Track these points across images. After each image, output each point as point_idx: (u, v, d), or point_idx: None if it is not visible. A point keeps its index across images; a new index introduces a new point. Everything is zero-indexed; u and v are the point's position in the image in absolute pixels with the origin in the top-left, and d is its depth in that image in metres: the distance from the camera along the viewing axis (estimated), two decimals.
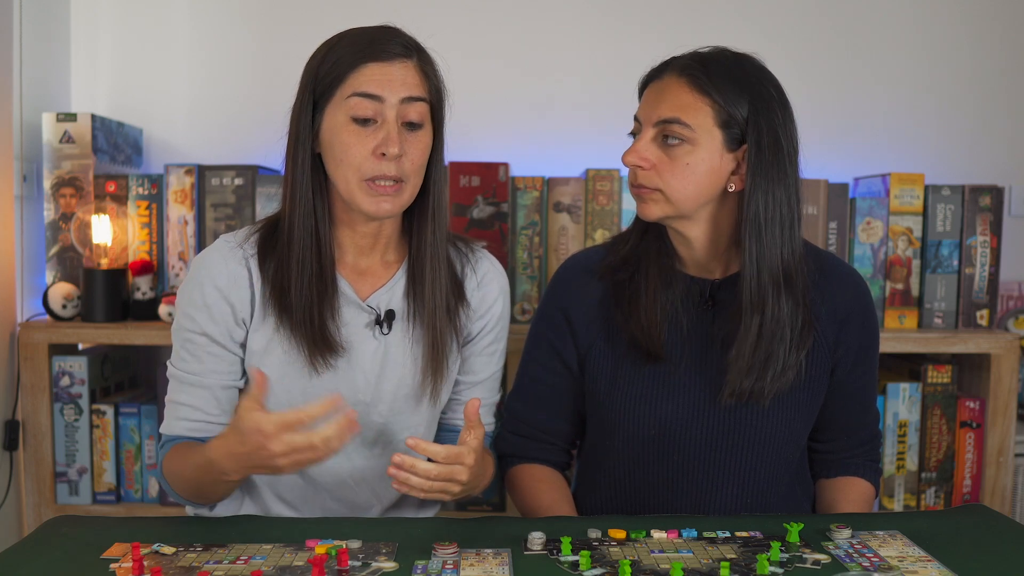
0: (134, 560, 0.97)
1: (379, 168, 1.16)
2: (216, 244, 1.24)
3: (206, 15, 2.15)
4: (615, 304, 1.30)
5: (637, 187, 1.24)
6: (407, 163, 1.17)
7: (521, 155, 2.11)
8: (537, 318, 1.39)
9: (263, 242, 1.24)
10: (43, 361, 1.86)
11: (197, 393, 1.22)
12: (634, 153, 1.22)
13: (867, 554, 1.03)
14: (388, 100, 1.16)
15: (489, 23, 2.15)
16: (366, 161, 1.16)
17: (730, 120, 1.20)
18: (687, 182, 1.21)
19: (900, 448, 1.92)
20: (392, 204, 1.18)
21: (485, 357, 1.34)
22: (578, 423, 1.39)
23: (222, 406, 1.23)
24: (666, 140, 1.21)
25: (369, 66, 1.16)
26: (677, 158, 1.21)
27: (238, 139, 2.14)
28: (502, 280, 1.35)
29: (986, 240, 1.90)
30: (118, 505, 1.93)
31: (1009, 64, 2.16)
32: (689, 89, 1.21)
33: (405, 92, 1.17)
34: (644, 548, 1.05)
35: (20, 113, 1.90)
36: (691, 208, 1.23)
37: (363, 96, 1.15)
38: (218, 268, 1.21)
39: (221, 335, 1.22)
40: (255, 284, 1.22)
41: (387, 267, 1.28)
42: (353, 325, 1.24)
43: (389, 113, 1.16)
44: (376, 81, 1.16)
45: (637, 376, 1.29)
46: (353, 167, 1.16)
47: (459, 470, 1.11)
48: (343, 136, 1.16)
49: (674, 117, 1.20)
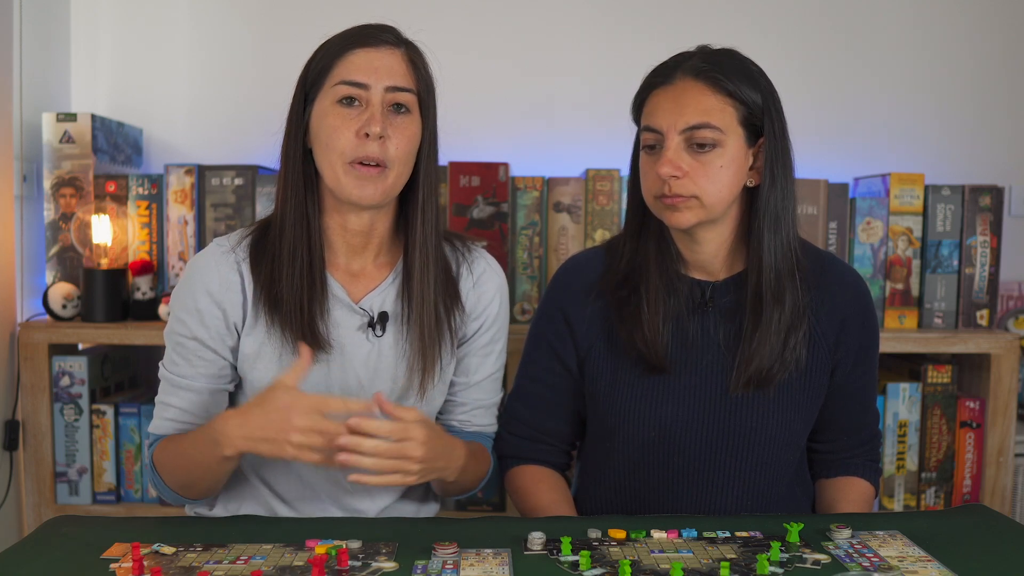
0: (134, 560, 0.97)
1: (363, 148, 1.16)
2: (209, 249, 1.24)
3: (206, 15, 2.15)
4: (618, 320, 1.30)
5: (671, 197, 1.21)
6: (391, 147, 1.17)
7: (521, 155, 2.11)
8: (537, 319, 1.39)
9: (255, 245, 1.24)
10: (43, 361, 1.86)
11: (185, 396, 1.23)
12: (668, 164, 1.20)
13: (867, 554, 1.03)
14: (374, 87, 1.16)
15: (489, 23, 2.15)
16: (350, 143, 1.16)
17: (750, 116, 1.22)
18: (721, 185, 1.21)
19: (900, 448, 1.92)
20: (375, 189, 1.17)
21: (481, 357, 1.33)
22: (578, 424, 1.39)
23: (210, 409, 1.24)
24: (694, 146, 1.20)
25: (356, 52, 1.17)
26: (710, 162, 1.20)
27: (238, 139, 2.14)
28: (499, 279, 1.34)
29: (986, 240, 1.90)
30: (118, 505, 1.93)
31: (1009, 64, 2.16)
32: (712, 91, 1.21)
33: (390, 80, 1.17)
34: (644, 548, 1.05)
35: (20, 113, 1.90)
36: (722, 210, 1.24)
37: (349, 84, 1.16)
38: (210, 273, 1.22)
39: (211, 340, 1.22)
40: (247, 289, 1.22)
41: (380, 269, 1.28)
42: (346, 327, 1.24)
43: (374, 98, 1.16)
44: (362, 69, 1.16)
45: (637, 379, 1.29)
46: (338, 150, 1.17)
47: (410, 446, 1.10)
48: (329, 119, 1.17)
49: (703, 122, 1.20)
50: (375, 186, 1.17)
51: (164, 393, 1.25)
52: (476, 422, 1.35)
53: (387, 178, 1.18)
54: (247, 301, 1.22)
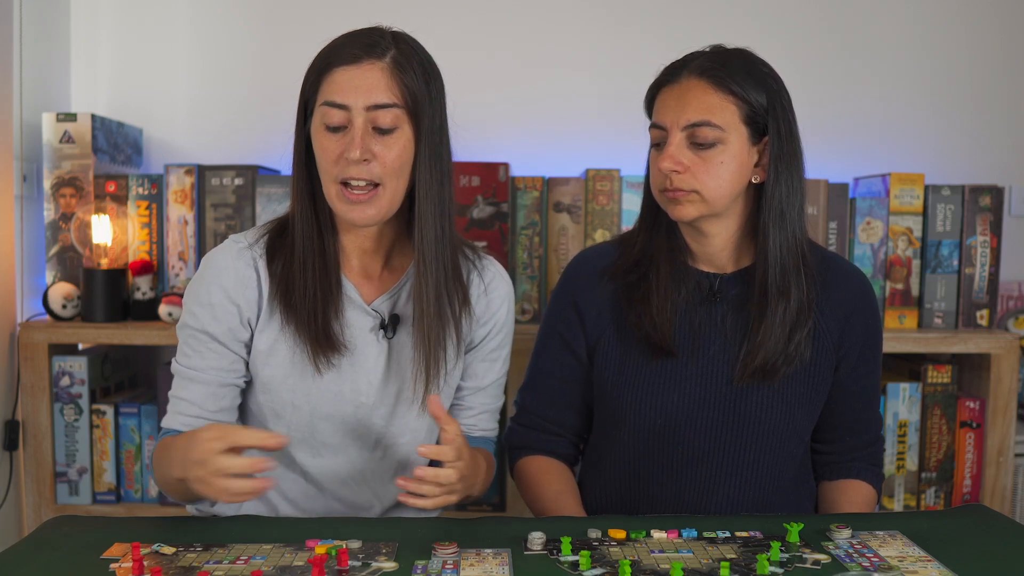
0: (134, 560, 0.97)
1: (347, 171, 1.15)
2: (226, 244, 1.25)
3: (206, 15, 2.15)
4: (627, 305, 1.32)
5: (672, 191, 1.25)
6: (378, 167, 1.15)
7: (521, 155, 2.11)
8: (548, 313, 1.41)
9: (272, 243, 1.25)
10: (43, 361, 1.86)
11: (196, 389, 1.23)
12: (669, 159, 1.23)
13: (867, 554, 1.03)
14: (354, 107, 1.14)
15: (489, 23, 2.15)
16: (335, 166, 1.16)
17: (753, 115, 1.24)
18: (722, 181, 1.24)
19: (900, 448, 1.92)
20: (366, 211, 1.17)
21: (488, 363, 1.35)
22: (587, 417, 1.41)
23: (219, 402, 1.24)
24: (695, 142, 1.23)
25: (336, 71, 1.15)
26: (710, 159, 1.23)
27: (238, 139, 2.14)
28: (508, 287, 1.35)
29: (986, 240, 1.90)
30: (118, 505, 1.93)
31: (1009, 64, 2.16)
32: (714, 90, 1.23)
33: (370, 100, 1.14)
34: (644, 548, 1.05)
35: (20, 113, 1.90)
36: (724, 205, 1.26)
37: (331, 105, 1.15)
38: (226, 269, 1.22)
39: (223, 334, 1.22)
40: (263, 285, 1.23)
41: (393, 272, 1.29)
42: (358, 328, 1.25)
43: (357, 119, 1.14)
44: (342, 89, 1.15)
45: (644, 368, 1.31)
46: (329, 173, 1.17)
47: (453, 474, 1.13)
48: (319, 141, 1.17)
49: (703, 120, 1.22)
50: (365, 209, 1.17)
51: (176, 387, 1.25)
52: (481, 426, 1.37)
53: (381, 198, 1.17)
54: (262, 298, 1.23)
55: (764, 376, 1.27)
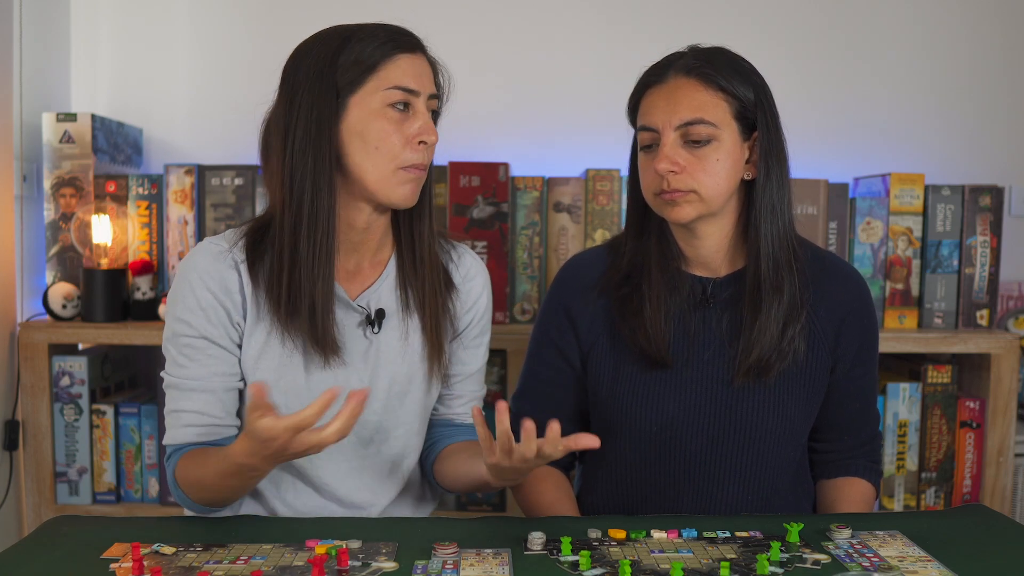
0: (134, 560, 0.97)
1: (417, 156, 1.18)
2: (202, 247, 1.22)
3: (206, 15, 2.15)
4: (620, 319, 1.31)
5: (670, 192, 1.23)
6: (430, 152, 1.22)
7: (521, 155, 2.11)
8: (540, 319, 1.40)
9: (253, 246, 1.23)
10: (43, 361, 1.86)
11: (201, 398, 1.21)
12: (665, 159, 1.22)
13: (867, 554, 1.03)
14: (422, 94, 1.19)
15: (489, 23, 2.15)
16: (404, 149, 1.17)
17: (743, 110, 1.24)
18: (719, 178, 1.23)
19: (900, 448, 1.92)
20: (416, 190, 1.21)
21: (472, 350, 1.36)
22: (582, 423, 1.40)
23: (227, 408, 1.23)
24: (689, 141, 1.23)
25: (403, 57, 1.18)
26: (705, 157, 1.22)
27: (238, 139, 2.14)
28: (485, 275, 1.36)
29: (986, 240, 1.90)
30: (118, 505, 1.93)
31: (1009, 64, 2.16)
32: (704, 87, 1.23)
33: (431, 88, 1.21)
34: (644, 548, 1.05)
35: (20, 113, 1.90)
36: (720, 204, 1.25)
37: (403, 90, 1.17)
38: (209, 271, 1.20)
39: (220, 337, 1.21)
40: (245, 289, 1.21)
41: (375, 267, 1.28)
42: (344, 325, 1.24)
43: (421, 105, 1.19)
44: (410, 75, 1.18)
45: (639, 375, 1.30)
46: (390, 155, 1.17)
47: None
48: (380, 123, 1.17)
49: (696, 118, 1.22)
50: (416, 188, 1.21)
51: (175, 401, 1.22)
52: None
53: (423, 181, 1.22)
54: (246, 301, 1.21)
55: (759, 373, 1.27)
